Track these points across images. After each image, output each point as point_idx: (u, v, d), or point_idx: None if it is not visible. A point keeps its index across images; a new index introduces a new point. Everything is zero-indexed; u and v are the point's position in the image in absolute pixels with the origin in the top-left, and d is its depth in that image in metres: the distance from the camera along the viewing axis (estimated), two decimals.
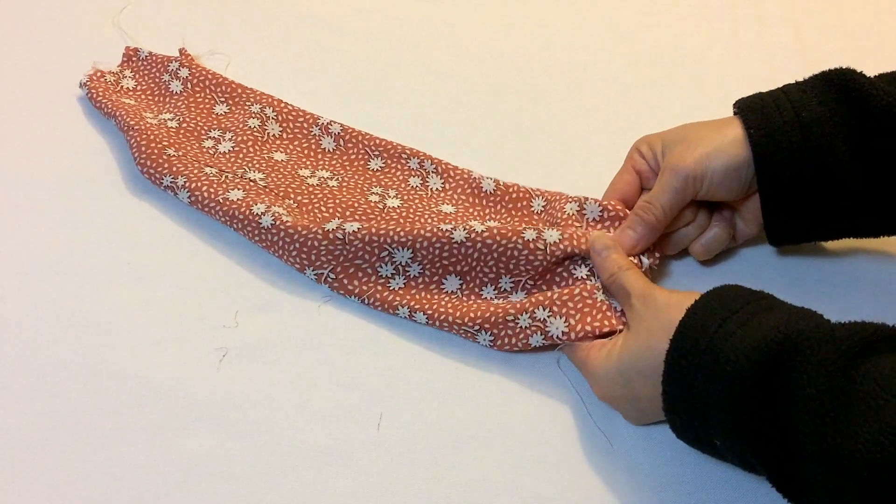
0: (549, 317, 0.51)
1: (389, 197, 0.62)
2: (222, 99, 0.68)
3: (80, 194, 0.64)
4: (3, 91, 0.72)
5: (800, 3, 0.81)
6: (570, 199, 0.57)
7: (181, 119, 0.66)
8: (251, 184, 0.61)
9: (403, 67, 0.75)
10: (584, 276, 0.53)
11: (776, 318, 0.41)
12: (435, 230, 0.54)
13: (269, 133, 0.66)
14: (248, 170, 0.63)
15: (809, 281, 0.58)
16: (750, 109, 0.53)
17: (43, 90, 0.72)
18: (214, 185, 0.60)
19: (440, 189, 0.62)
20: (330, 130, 0.66)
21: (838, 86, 0.52)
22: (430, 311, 0.54)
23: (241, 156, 0.64)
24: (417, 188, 0.63)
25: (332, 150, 0.66)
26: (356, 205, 0.60)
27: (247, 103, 0.68)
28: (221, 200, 0.59)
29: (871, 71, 0.53)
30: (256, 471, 0.49)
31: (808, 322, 0.41)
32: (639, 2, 0.82)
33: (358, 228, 0.55)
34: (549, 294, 0.52)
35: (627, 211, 0.55)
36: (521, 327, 0.52)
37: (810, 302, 0.45)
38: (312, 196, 0.61)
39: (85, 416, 0.51)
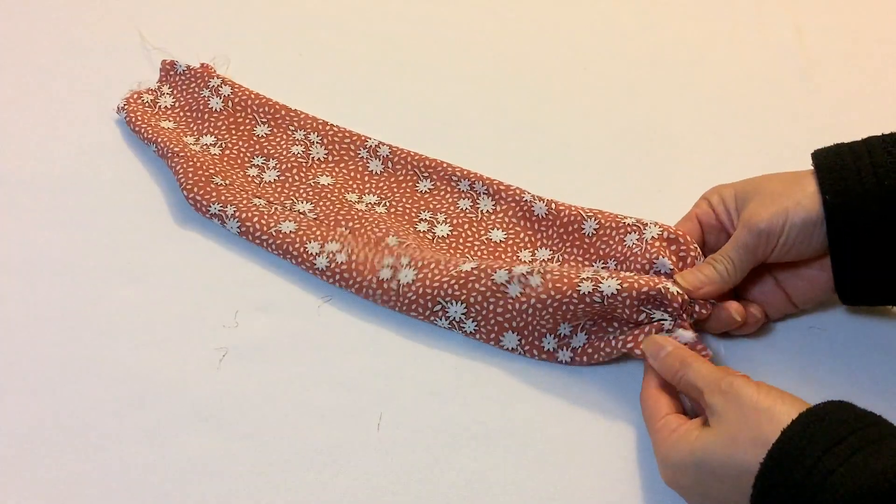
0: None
1: (438, 223, 0.61)
2: (264, 120, 0.67)
3: (79, 194, 0.64)
4: (1, 88, 0.72)
5: (800, 3, 0.81)
6: (628, 228, 0.55)
7: (223, 145, 0.65)
8: (301, 216, 0.60)
9: (403, 67, 0.75)
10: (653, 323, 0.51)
11: (886, 458, 0.36)
12: (489, 284, 0.53)
13: (313, 157, 0.65)
14: (295, 200, 0.62)
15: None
16: (827, 169, 0.48)
17: (41, 90, 0.72)
18: (265, 217, 0.59)
19: (491, 211, 0.61)
20: (378, 153, 0.65)
21: None
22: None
23: (286, 185, 0.63)
24: (467, 211, 0.61)
25: (379, 173, 0.64)
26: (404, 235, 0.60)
27: (290, 128, 0.67)
28: (274, 233, 0.59)
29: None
30: (256, 471, 0.49)
31: None
32: (639, 2, 0.82)
33: (412, 280, 0.55)
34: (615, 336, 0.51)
35: (688, 237, 0.53)
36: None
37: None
38: (363, 220, 0.60)
39: (85, 416, 0.51)
